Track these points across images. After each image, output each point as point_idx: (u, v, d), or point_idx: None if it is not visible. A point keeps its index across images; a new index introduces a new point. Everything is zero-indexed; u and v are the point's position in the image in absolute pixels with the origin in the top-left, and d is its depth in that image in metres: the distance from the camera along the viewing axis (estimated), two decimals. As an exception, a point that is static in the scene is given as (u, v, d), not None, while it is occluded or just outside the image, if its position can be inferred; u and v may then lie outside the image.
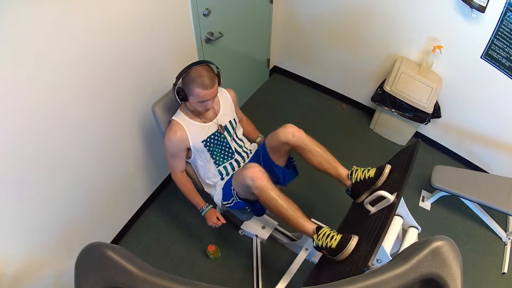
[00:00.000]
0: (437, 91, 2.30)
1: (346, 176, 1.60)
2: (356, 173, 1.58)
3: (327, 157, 1.61)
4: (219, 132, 1.68)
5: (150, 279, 0.64)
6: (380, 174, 1.49)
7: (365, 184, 1.53)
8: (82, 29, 1.35)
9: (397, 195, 1.30)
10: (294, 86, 3.27)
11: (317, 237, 1.38)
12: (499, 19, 1.89)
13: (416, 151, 1.45)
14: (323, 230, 1.39)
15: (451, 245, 0.67)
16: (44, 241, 1.62)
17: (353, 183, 1.58)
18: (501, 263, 2.14)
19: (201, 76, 1.45)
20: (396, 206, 1.27)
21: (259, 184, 1.40)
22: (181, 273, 2.07)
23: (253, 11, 2.54)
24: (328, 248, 1.33)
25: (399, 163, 1.50)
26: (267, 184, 1.41)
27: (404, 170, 1.41)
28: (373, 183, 1.50)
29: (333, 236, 1.33)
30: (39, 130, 1.37)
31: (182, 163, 1.71)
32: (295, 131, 1.59)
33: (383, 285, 0.63)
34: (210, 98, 1.50)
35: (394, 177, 1.44)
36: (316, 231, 1.40)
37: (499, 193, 2.06)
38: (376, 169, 1.54)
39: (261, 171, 1.43)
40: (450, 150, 2.72)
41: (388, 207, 1.30)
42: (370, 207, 1.43)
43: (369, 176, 1.52)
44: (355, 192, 1.59)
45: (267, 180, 1.43)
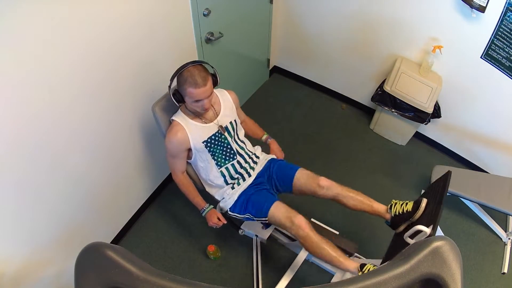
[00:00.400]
0: (437, 91, 2.30)
1: (384, 211, 1.67)
2: (395, 208, 1.64)
3: (361, 198, 1.70)
4: (220, 133, 1.68)
5: (150, 279, 0.64)
6: (417, 208, 1.55)
7: (403, 218, 1.60)
8: (82, 29, 1.35)
9: (433, 227, 1.37)
10: (294, 86, 3.27)
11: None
12: (499, 19, 1.89)
13: (448, 183, 1.54)
14: (367, 266, 1.44)
15: (451, 245, 0.67)
16: (44, 241, 1.62)
17: (392, 216, 1.65)
18: (501, 263, 2.14)
19: (193, 75, 1.45)
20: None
21: (305, 233, 1.53)
22: (181, 273, 2.07)
23: (253, 11, 2.54)
24: None
25: (433, 194, 1.58)
26: (311, 233, 1.53)
27: (438, 201, 1.49)
28: (411, 216, 1.56)
29: None
30: (39, 130, 1.37)
31: (183, 164, 1.71)
32: (329, 185, 1.69)
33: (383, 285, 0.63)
34: (204, 97, 1.50)
35: (430, 208, 1.51)
36: (360, 269, 1.45)
37: (499, 193, 2.06)
38: (414, 202, 1.60)
39: (306, 222, 1.55)
40: (450, 150, 2.72)
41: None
42: (409, 240, 1.50)
43: (407, 210, 1.59)
44: (395, 224, 1.65)
45: (311, 228, 1.54)
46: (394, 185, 2.53)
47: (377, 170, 2.63)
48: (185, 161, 1.72)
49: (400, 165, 2.69)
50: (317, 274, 2.02)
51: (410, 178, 2.59)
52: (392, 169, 2.65)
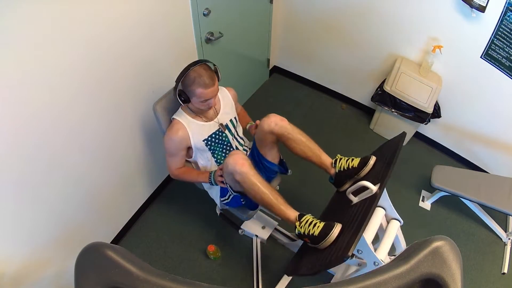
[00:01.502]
0: (437, 91, 2.30)
1: (329, 165, 1.60)
2: (340, 162, 1.58)
3: (310, 145, 1.61)
4: (221, 131, 1.68)
5: (150, 279, 0.64)
6: (364, 164, 1.49)
7: (348, 174, 1.53)
8: (82, 28, 1.35)
9: (380, 187, 1.30)
10: (294, 86, 3.27)
11: (300, 224, 1.37)
12: (499, 19, 1.89)
13: (401, 143, 1.45)
14: (306, 217, 1.38)
15: (451, 245, 0.67)
16: (44, 241, 1.62)
17: (336, 172, 1.58)
18: (501, 263, 2.14)
19: (201, 76, 1.45)
20: (379, 197, 1.28)
21: (241, 170, 1.40)
22: (181, 273, 2.08)
23: (253, 11, 2.54)
24: (310, 235, 1.33)
25: (384, 154, 1.50)
26: (249, 170, 1.41)
27: (388, 161, 1.41)
28: (357, 173, 1.50)
29: (316, 224, 1.33)
30: (38, 130, 1.37)
31: (181, 162, 1.70)
32: (278, 119, 1.59)
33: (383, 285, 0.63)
34: (213, 96, 1.51)
35: (379, 169, 1.44)
36: (298, 219, 1.39)
37: (499, 193, 2.06)
38: (361, 159, 1.54)
39: (243, 157, 1.43)
40: (450, 150, 2.72)
41: (370, 198, 1.31)
42: (352, 197, 1.43)
43: (353, 165, 1.53)
44: (338, 181, 1.59)
45: (249, 166, 1.42)
46: (394, 185, 2.53)
47: (377, 170, 2.63)
48: (183, 159, 1.70)
49: (400, 165, 2.68)
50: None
51: (410, 178, 2.59)
52: (392, 169, 2.65)
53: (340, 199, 1.55)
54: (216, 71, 1.56)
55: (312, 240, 1.33)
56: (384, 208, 1.45)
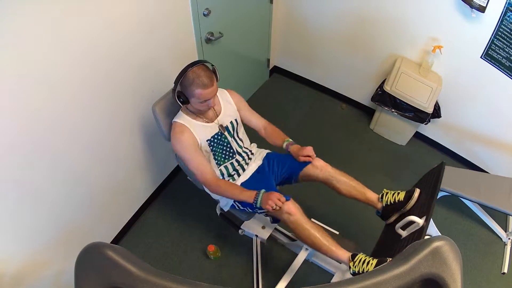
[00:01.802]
0: (437, 91, 2.30)
1: (376, 200, 1.65)
2: (386, 196, 1.62)
3: (354, 184, 1.68)
4: (221, 133, 1.68)
5: (150, 279, 0.64)
6: (409, 198, 1.53)
7: (395, 207, 1.58)
8: (83, 29, 1.35)
9: (426, 219, 1.34)
10: (294, 86, 3.27)
11: (353, 264, 1.41)
12: (499, 19, 1.89)
13: (442, 173, 1.51)
14: (359, 256, 1.42)
15: (451, 245, 0.67)
16: (44, 241, 1.62)
17: (383, 206, 1.62)
18: (501, 263, 2.14)
19: (200, 77, 1.46)
20: (426, 230, 1.32)
21: (294, 219, 1.47)
22: (181, 273, 2.07)
23: (253, 11, 2.54)
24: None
25: (427, 185, 1.56)
26: (302, 219, 1.48)
27: (431, 192, 1.46)
28: (403, 206, 1.54)
29: (369, 262, 1.37)
30: (38, 130, 1.37)
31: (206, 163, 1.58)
32: (323, 165, 1.68)
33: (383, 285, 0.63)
34: (212, 96, 1.51)
35: (423, 199, 1.49)
36: (351, 259, 1.43)
37: (499, 193, 2.05)
38: (406, 192, 1.58)
39: (296, 207, 1.49)
40: (450, 150, 2.72)
41: (418, 231, 1.36)
42: (401, 231, 1.48)
43: (399, 199, 1.57)
44: (385, 214, 1.63)
45: (302, 214, 1.49)
46: (394, 185, 2.53)
47: (377, 170, 2.63)
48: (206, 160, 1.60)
49: (400, 165, 2.69)
50: (317, 274, 2.02)
51: (410, 178, 2.58)
52: (392, 169, 2.65)
53: (389, 234, 1.59)
54: (214, 71, 1.56)
55: None
56: (430, 235, 1.50)
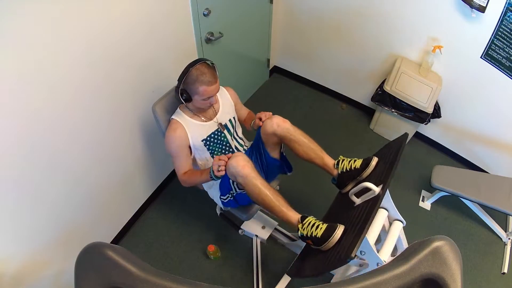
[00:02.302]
0: (437, 91, 2.30)
1: (332, 166, 1.61)
2: (342, 163, 1.58)
3: (313, 146, 1.62)
4: (219, 131, 1.68)
5: (150, 279, 0.64)
6: (366, 165, 1.50)
7: (351, 175, 1.53)
8: (83, 29, 1.35)
9: (383, 188, 1.29)
10: (294, 86, 3.27)
11: (302, 226, 1.37)
12: (499, 19, 1.89)
13: (404, 144, 1.44)
14: (308, 219, 1.38)
15: (451, 245, 0.67)
16: (44, 241, 1.62)
17: (339, 173, 1.58)
18: (501, 263, 2.14)
19: (204, 74, 1.47)
20: (381, 199, 1.27)
21: (243, 172, 1.40)
22: (181, 273, 2.08)
23: (253, 11, 2.54)
24: (313, 237, 1.32)
25: (387, 155, 1.50)
26: (251, 173, 1.41)
27: (390, 162, 1.41)
28: (359, 174, 1.50)
29: (319, 226, 1.33)
30: (38, 130, 1.37)
31: (186, 163, 1.64)
32: (280, 121, 1.60)
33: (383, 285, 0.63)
34: (215, 93, 1.53)
35: (381, 169, 1.44)
36: (301, 221, 1.39)
37: (499, 193, 2.06)
38: (363, 160, 1.54)
39: (245, 159, 1.43)
40: (450, 150, 2.72)
41: (373, 199, 1.31)
42: (355, 198, 1.43)
43: (355, 166, 1.53)
44: (341, 182, 1.59)
45: (251, 168, 1.42)
46: (394, 185, 2.53)
47: (377, 170, 2.63)
48: (188, 161, 1.65)
49: (400, 165, 2.68)
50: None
51: (410, 178, 2.59)
52: (392, 169, 2.65)
53: (343, 201, 1.54)
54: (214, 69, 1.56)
55: (315, 241, 1.32)
56: (387, 209, 1.45)
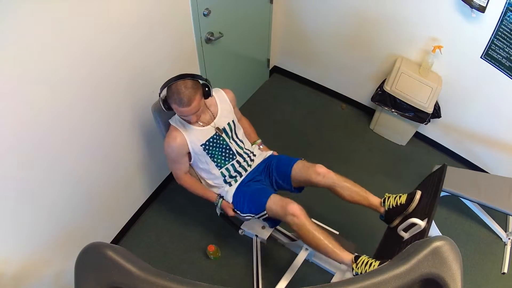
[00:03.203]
0: (437, 91, 2.30)
1: (378, 204, 1.66)
2: (388, 201, 1.64)
3: (357, 190, 1.69)
4: (218, 135, 1.68)
5: (150, 279, 0.64)
6: (411, 200, 1.54)
7: (397, 211, 1.59)
8: (82, 29, 1.35)
9: (428, 221, 1.35)
10: (294, 86, 3.27)
11: (356, 266, 1.43)
12: (499, 19, 1.89)
13: (444, 176, 1.51)
14: (362, 258, 1.43)
15: (451, 245, 0.67)
16: (44, 241, 1.62)
17: (386, 210, 1.64)
18: (501, 263, 2.14)
19: (179, 93, 1.41)
20: (427, 232, 1.33)
21: (299, 221, 1.48)
22: (181, 273, 2.07)
23: (253, 11, 2.54)
24: None
25: (428, 187, 1.56)
26: (306, 221, 1.49)
27: (433, 194, 1.47)
28: (405, 209, 1.55)
29: (372, 263, 1.38)
30: (38, 131, 1.37)
31: (185, 167, 1.71)
32: (325, 172, 1.67)
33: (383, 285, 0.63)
34: (190, 114, 1.48)
35: (424, 202, 1.50)
36: (354, 260, 1.44)
37: (499, 193, 2.05)
38: (407, 195, 1.59)
39: (300, 208, 1.51)
40: (450, 150, 2.72)
41: (420, 233, 1.37)
42: (403, 233, 1.48)
43: (401, 202, 1.58)
44: (389, 218, 1.64)
45: (306, 217, 1.50)
46: (394, 185, 2.53)
47: (377, 170, 2.63)
48: (187, 164, 1.71)
49: (400, 165, 2.69)
50: (317, 274, 2.02)
51: (410, 178, 2.58)
52: (392, 169, 2.65)
53: (392, 236, 1.60)
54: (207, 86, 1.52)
55: None
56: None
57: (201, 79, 1.52)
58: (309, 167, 1.69)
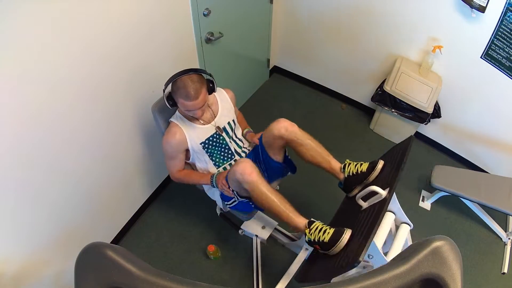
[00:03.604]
0: (437, 91, 2.30)
1: (339, 170, 1.61)
2: (348, 167, 1.58)
3: (320, 150, 1.62)
4: (218, 134, 1.68)
5: (150, 279, 0.64)
6: (372, 169, 1.50)
7: (357, 178, 1.54)
8: (82, 29, 1.35)
9: (389, 191, 1.30)
10: (294, 86, 3.27)
11: (309, 231, 1.38)
12: (499, 19, 1.89)
13: (410, 147, 1.45)
14: (315, 224, 1.39)
15: (451, 245, 0.66)
16: (44, 241, 1.62)
17: (345, 177, 1.59)
18: (501, 263, 2.14)
19: (185, 87, 1.42)
20: (388, 202, 1.27)
21: (249, 179, 1.41)
22: (181, 273, 2.08)
23: (253, 11, 2.54)
24: (320, 242, 1.33)
25: (393, 158, 1.50)
26: (258, 179, 1.42)
27: (397, 165, 1.41)
28: (366, 178, 1.51)
29: (326, 230, 1.34)
30: (39, 130, 1.37)
31: (181, 164, 1.70)
32: (288, 125, 1.59)
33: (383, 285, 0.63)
34: (196, 108, 1.48)
35: (387, 173, 1.45)
36: (308, 226, 1.40)
37: (499, 193, 2.05)
38: (369, 163, 1.54)
39: (251, 166, 1.43)
40: (450, 150, 2.72)
41: (380, 203, 1.31)
42: (362, 202, 1.43)
43: (362, 170, 1.53)
44: (348, 186, 1.59)
45: (257, 174, 1.42)
46: (394, 185, 2.53)
47: (377, 170, 2.63)
48: (182, 162, 1.70)
49: (400, 165, 2.68)
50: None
51: (410, 178, 2.59)
52: (392, 169, 2.65)
53: (349, 205, 1.55)
54: (211, 81, 1.53)
55: (322, 246, 1.33)
56: (394, 212, 1.45)
57: (205, 74, 1.53)
58: (276, 122, 1.61)
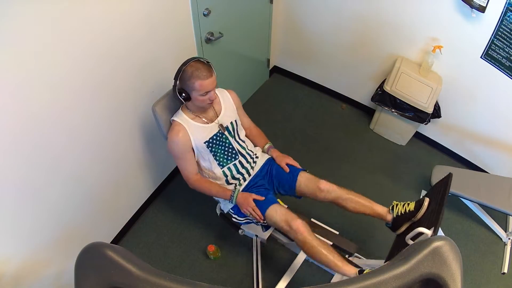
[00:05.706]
0: (437, 91, 2.30)
1: (385, 213, 1.68)
2: (397, 208, 1.65)
3: (361, 201, 1.70)
4: (221, 133, 1.68)
5: (150, 279, 0.64)
6: (420, 207, 1.55)
7: (405, 217, 1.60)
8: (83, 29, 1.35)
9: (434, 230, 1.37)
10: (294, 86, 3.27)
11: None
12: (499, 19, 1.89)
13: (449, 185, 1.53)
14: (366, 271, 1.42)
15: (451, 245, 0.67)
16: (44, 241, 1.62)
17: (394, 217, 1.65)
18: (501, 263, 2.14)
19: (198, 69, 1.48)
20: None
21: (303, 237, 1.52)
22: (181, 273, 2.08)
23: (253, 11, 2.54)
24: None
25: (435, 195, 1.58)
26: (309, 237, 1.52)
27: (439, 202, 1.48)
28: (414, 215, 1.57)
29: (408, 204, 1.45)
30: (39, 130, 1.37)
31: (193, 165, 1.67)
32: (329, 188, 1.69)
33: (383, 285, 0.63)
34: (212, 87, 1.53)
35: (432, 209, 1.51)
36: (359, 274, 1.44)
37: (499, 193, 2.05)
38: (416, 202, 1.60)
39: (304, 225, 1.54)
40: (450, 150, 2.72)
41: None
42: (411, 242, 1.49)
43: (410, 209, 1.60)
44: (396, 225, 1.65)
45: (309, 232, 1.53)
46: (394, 185, 2.53)
47: (377, 170, 2.63)
48: (194, 163, 1.68)
49: (400, 165, 2.69)
50: (317, 274, 2.02)
51: (410, 178, 2.59)
52: (392, 169, 2.65)
53: (400, 243, 1.60)
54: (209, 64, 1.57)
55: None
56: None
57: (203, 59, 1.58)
58: (313, 181, 1.71)
